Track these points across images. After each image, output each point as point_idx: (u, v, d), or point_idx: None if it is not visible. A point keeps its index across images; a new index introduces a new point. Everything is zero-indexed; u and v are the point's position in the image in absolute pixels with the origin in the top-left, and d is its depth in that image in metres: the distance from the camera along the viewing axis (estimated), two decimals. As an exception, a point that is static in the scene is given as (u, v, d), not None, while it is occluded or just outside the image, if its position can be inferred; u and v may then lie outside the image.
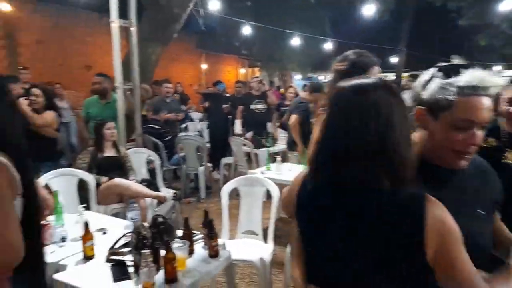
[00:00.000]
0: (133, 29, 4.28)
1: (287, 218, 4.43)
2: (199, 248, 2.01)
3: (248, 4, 8.52)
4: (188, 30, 9.90)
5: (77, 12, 8.64)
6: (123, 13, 4.16)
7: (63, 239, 1.94)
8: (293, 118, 4.34)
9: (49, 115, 3.61)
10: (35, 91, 3.67)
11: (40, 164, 3.64)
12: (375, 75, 1.69)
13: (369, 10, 7.07)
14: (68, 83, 7.69)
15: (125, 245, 1.90)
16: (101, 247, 1.89)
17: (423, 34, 11.29)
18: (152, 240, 1.77)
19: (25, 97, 3.60)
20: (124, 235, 1.95)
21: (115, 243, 1.88)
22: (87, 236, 1.77)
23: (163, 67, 8.16)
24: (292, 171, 3.94)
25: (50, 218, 2.08)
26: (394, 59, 14.18)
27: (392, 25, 8.46)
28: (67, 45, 8.74)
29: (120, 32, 4.05)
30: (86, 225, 1.79)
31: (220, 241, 2.03)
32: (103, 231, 2.12)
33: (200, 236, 2.10)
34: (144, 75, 5.17)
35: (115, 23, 4.00)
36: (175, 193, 3.34)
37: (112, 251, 1.82)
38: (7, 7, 7.42)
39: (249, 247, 2.70)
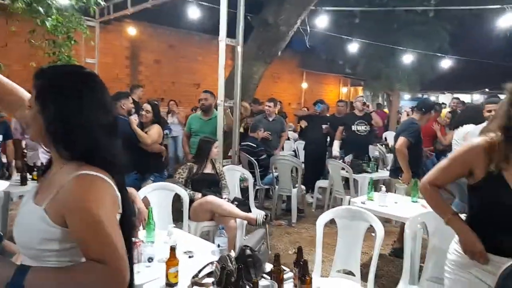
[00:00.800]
0: (239, 48, 4.34)
1: (388, 255, 3.90)
2: (289, 290, 1.76)
3: (356, 22, 8.11)
4: (290, 49, 9.93)
5: (191, 34, 9.37)
6: (232, 33, 4.27)
7: (150, 259, 1.88)
8: (401, 140, 3.77)
9: (155, 131, 3.78)
10: (146, 106, 3.95)
11: (149, 174, 3.87)
12: None
13: (505, 22, 6.00)
14: (178, 99, 8.29)
15: (209, 274, 1.76)
16: (185, 272, 1.77)
17: None
18: (237, 276, 1.59)
19: (135, 114, 3.88)
20: (209, 264, 1.81)
21: (199, 271, 1.75)
22: (172, 261, 1.67)
23: (263, 86, 8.27)
24: (399, 204, 3.44)
25: (141, 235, 2.07)
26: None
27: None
28: (179, 64, 9.53)
29: (227, 51, 4.15)
30: (173, 249, 1.69)
31: (314, 284, 1.75)
32: (190, 254, 2.02)
33: (291, 275, 1.85)
34: (246, 93, 5.24)
35: (223, 42, 4.10)
36: (266, 216, 3.16)
37: (195, 280, 1.69)
38: (133, 32, 8.40)
39: (346, 290, 2.35)
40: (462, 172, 1.62)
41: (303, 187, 5.13)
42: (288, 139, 7.65)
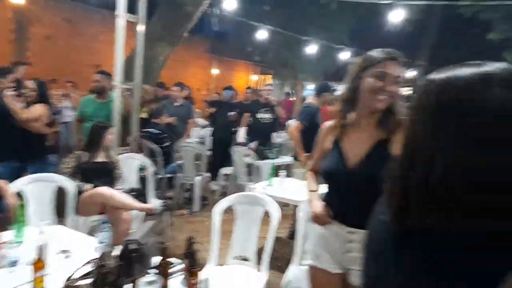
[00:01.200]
0: (140, 26, 4.05)
1: (285, 238, 4.09)
2: (178, 284, 1.69)
3: (265, 9, 8.20)
4: (200, 34, 9.67)
5: (90, 9, 8.51)
6: (134, 9, 3.96)
7: (14, 264, 1.64)
8: (295, 124, 4.02)
9: (38, 108, 3.38)
10: (28, 83, 3.47)
11: (27, 165, 3.41)
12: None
13: (395, 17, 6.68)
14: (76, 82, 7.52)
15: (87, 275, 1.60)
16: (60, 274, 1.59)
17: (448, 47, 10.61)
18: (117, 275, 1.47)
19: (15, 90, 3.38)
20: (87, 262, 1.65)
21: (74, 272, 1.59)
22: (38, 264, 1.47)
23: (172, 71, 7.94)
24: (297, 188, 3.61)
25: (8, 235, 1.80)
26: (411, 73, 13.71)
27: (416, 37, 7.99)
28: (77, 42, 8.61)
29: (130, 30, 3.84)
30: (40, 250, 1.49)
31: (202, 275, 1.71)
32: (66, 254, 1.82)
33: (181, 267, 1.79)
34: (149, 75, 4.94)
35: (122, 18, 3.77)
36: (164, 204, 3.04)
37: (68, 283, 1.52)
38: (20, 1, 7.30)
39: (239, 276, 2.38)
40: (322, 153, 1.68)
41: (208, 174, 5.09)
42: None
